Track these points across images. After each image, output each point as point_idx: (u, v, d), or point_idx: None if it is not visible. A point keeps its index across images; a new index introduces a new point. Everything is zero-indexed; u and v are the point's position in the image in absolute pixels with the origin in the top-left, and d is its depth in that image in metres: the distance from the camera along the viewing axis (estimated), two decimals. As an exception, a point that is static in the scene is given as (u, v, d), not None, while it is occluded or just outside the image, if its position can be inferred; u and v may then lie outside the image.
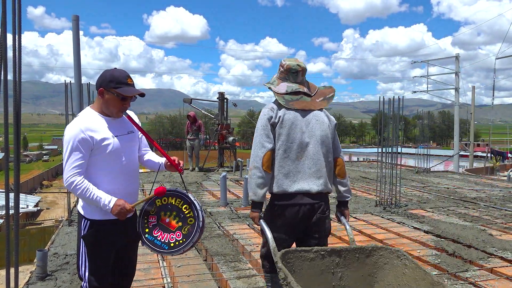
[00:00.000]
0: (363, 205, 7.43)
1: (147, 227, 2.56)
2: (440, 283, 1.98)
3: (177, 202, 2.55)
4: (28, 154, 76.45)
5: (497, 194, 8.96)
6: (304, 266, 2.25)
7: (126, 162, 2.47)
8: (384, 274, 2.27)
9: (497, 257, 4.43)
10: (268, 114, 2.68)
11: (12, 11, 2.32)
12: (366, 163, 18.05)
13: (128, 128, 2.53)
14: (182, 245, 2.47)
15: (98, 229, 2.43)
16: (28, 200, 27.72)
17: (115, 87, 2.36)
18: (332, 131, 2.77)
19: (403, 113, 7.68)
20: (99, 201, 2.32)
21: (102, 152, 2.36)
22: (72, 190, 2.34)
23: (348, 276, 2.27)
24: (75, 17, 6.66)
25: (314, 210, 2.64)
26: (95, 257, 2.45)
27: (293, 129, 2.64)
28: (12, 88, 2.37)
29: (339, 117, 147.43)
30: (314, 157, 2.66)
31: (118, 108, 2.42)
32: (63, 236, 5.54)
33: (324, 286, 2.26)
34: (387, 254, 2.28)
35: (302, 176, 2.63)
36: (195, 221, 2.48)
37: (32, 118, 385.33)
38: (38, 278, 3.99)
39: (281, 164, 2.64)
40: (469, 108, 27.02)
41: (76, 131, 2.32)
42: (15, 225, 2.49)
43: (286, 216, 2.63)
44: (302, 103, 2.71)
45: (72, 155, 2.31)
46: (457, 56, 24.05)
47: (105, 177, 2.41)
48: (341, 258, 2.29)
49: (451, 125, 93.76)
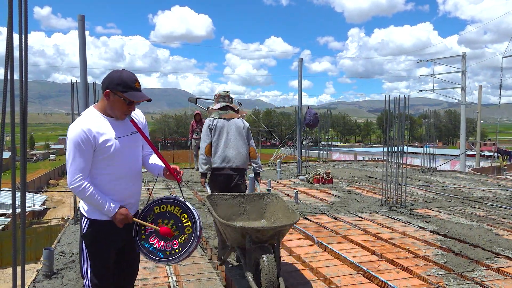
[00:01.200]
0: (368, 204, 7.41)
1: (144, 233, 2.54)
2: (293, 211, 3.43)
3: (175, 210, 2.53)
4: (34, 154, 76.95)
5: (504, 194, 8.89)
6: (222, 203, 3.80)
7: (129, 163, 2.46)
8: (269, 206, 3.84)
9: (504, 257, 4.40)
10: (207, 123, 4.51)
11: (19, 11, 2.33)
12: (371, 163, 17.99)
13: (132, 129, 2.51)
14: (178, 254, 2.45)
15: (97, 228, 2.42)
16: (35, 199, 27.94)
17: (122, 91, 2.33)
18: (246, 131, 4.61)
19: (409, 112, 7.64)
20: (103, 206, 2.32)
21: (104, 153, 2.34)
22: (78, 193, 2.33)
23: (249, 208, 3.86)
24: (81, 17, 6.68)
25: (233, 178, 4.43)
26: (95, 256, 2.45)
27: (222, 130, 4.47)
28: (19, 88, 2.38)
29: (344, 116, 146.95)
30: (234, 146, 4.46)
31: (123, 112, 2.39)
32: (70, 235, 5.58)
33: (234, 213, 3.82)
34: (271, 197, 3.89)
35: (227, 158, 4.41)
36: (193, 230, 2.46)
37: (38, 118, 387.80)
38: (44, 276, 4.02)
39: (215, 151, 4.45)
40: (476, 107, 26.82)
41: (79, 131, 2.30)
42: (22, 223, 2.51)
43: (219, 180, 4.44)
44: (228, 115, 4.56)
45: (76, 157, 2.29)
46: (463, 54, 23.87)
47: (107, 177, 2.39)
48: (244, 199, 3.88)
49: (457, 124, 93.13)
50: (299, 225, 5.58)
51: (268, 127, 57.82)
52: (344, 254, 4.39)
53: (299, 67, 12.14)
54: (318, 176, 10.07)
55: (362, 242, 4.88)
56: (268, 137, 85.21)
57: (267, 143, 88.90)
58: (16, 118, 2.48)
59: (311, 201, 7.73)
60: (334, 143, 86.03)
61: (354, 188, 9.50)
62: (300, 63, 12.20)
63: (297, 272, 3.90)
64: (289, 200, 7.66)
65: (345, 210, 6.82)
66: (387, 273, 3.89)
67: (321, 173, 10.09)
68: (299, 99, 12.17)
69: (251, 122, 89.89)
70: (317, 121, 12.96)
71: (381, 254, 4.42)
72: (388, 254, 4.42)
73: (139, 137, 2.55)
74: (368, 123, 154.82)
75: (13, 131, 2.46)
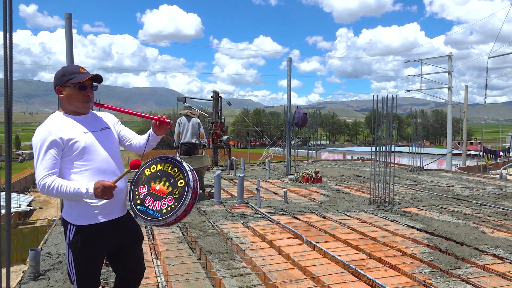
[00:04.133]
0: (357, 203, 7.46)
1: (138, 198, 2.46)
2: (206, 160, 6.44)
3: (165, 167, 2.45)
4: (20, 153, 75.76)
5: (490, 192, 9.03)
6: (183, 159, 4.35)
7: (102, 159, 2.37)
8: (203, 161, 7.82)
9: (489, 254, 4.47)
10: (178, 120, 9.39)
11: (3, 9, 2.29)
12: (360, 162, 18.11)
13: (102, 125, 2.47)
14: (174, 210, 2.33)
15: (85, 235, 2.33)
16: (20, 200, 27.49)
17: (68, 79, 2.32)
18: (197, 125, 9.42)
19: (396, 111, 7.71)
20: (78, 192, 2.18)
21: (73, 150, 2.27)
22: (47, 192, 2.20)
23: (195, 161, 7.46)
24: (67, 15, 6.61)
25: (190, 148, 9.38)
26: (81, 263, 2.36)
27: (185, 124, 9.31)
28: (3, 86, 2.35)
29: (333, 115, 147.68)
30: (190, 132, 9.29)
31: (80, 100, 2.35)
32: (56, 236, 5.51)
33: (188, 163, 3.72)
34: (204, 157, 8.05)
35: (187, 138, 9.24)
36: (185, 182, 2.36)
37: (24, 117, 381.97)
38: (30, 277, 3.96)
39: (182, 135, 9.28)
40: (462, 107, 27.20)
41: (45, 133, 2.24)
42: (7, 224, 2.47)
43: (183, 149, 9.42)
44: (189, 116, 9.45)
45: (41, 159, 2.21)
46: (450, 55, 24.20)
47: (80, 176, 2.29)
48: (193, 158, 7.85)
49: (444, 124, 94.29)
50: (288, 224, 5.60)
51: (257, 126, 57.88)
52: (333, 252, 4.41)
53: (288, 67, 12.17)
54: (307, 176, 10.11)
55: (350, 240, 4.92)
56: (257, 137, 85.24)
57: (256, 143, 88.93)
58: (0, 117, 2.43)
59: (300, 200, 7.75)
60: (323, 143, 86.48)
61: (342, 187, 9.56)
62: (289, 63, 12.23)
63: (286, 271, 3.91)
64: (278, 200, 7.68)
65: (334, 209, 6.85)
66: (375, 271, 3.92)
67: (310, 173, 10.13)
68: (288, 99, 12.21)
69: (241, 121, 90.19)
70: (306, 121, 13.01)
71: (369, 253, 4.46)
72: (376, 253, 4.46)
73: (111, 132, 2.51)
74: (357, 122, 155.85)
75: (-3, 130, 2.41)
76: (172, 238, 5.11)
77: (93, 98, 2.42)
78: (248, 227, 5.59)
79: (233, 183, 10.08)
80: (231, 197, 7.94)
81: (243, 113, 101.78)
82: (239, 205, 7.10)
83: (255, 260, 4.21)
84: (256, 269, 4.00)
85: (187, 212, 2.39)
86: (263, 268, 3.98)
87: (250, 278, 3.80)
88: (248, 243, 4.80)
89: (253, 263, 4.14)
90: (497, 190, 9.42)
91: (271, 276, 3.74)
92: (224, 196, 7.96)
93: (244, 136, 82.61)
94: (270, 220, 5.99)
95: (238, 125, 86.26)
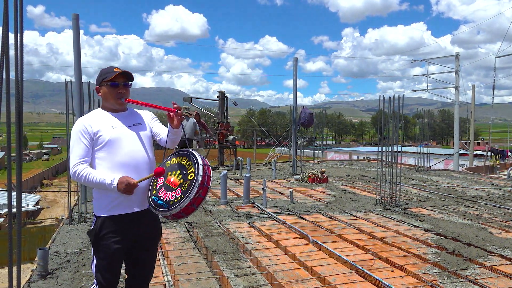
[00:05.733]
0: (363, 203, 7.44)
1: (155, 188, 2.50)
2: None
3: (183, 160, 2.49)
4: (28, 153, 76.40)
5: (497, 193, 8.97)
6: None
7: (125, 153, 2.47)
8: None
9: (497, 255, 4.44)
10: None
11: (14, 10, 2.32)
12: (366, 162, 18.06)
13: (135, 121, 2.62)
14: (180, 202, 2.31)
15: (101, 226, 2.46)
16: (28, 199, 27.74)
17: (103, 79, 2.55)
18: (193, 123, 10.40)
19: (403, 111, 7.69)
20: (103, 183, 2.36)
21: (99, 142, 2.45)
22: (77, 179, 2.42)
23: None
24: (75, 16, 6.67)
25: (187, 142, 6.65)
26: (97, 253, 2.48)
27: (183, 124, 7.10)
28: (14, 87, 2.37)
29: (339, 115, 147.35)
30: (187, 129, 10.22)
31: (113, 97, 2.54)
32: (64, 235, 5.55)
33: None
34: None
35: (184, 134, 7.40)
36: (195, 176, 2.34)
37: (32, 117, 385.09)
38: (39, 276, 4.00)
39: None
40: (469, 107, 27.01)
41: (79, 125, 2.49)
42: (18, 223, 2.50)
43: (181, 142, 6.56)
44: (187, 116, 10.35)
45: (74, 147, 2.45)
46: (457, 54, 24.03)
47: (102, 167, 2.45)
48: None
49: (451, 124, 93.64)
50: (294, 224, 5.60)
51: (263, 126, 57.86)
52: (339, 253, 4.41)
53: (294, 67, 12.16)
54: (313, 176, 10.11)
55: (356, 241, 4.91)
56: (263, 137, 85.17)
57: (262, 143, 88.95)
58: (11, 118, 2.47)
59: (306, 200, 7.75)
60: (329, 143, 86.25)
61: (349, 187, 9.54)
62: (295, 63, 12.23)
63: (292, 271, 3.92)
64: (284, 200, 7.69)
65: (340, 209, 6.85)
66: (382, 271, 3.92)
67: (316, 173, 10.12)
68: (294, 99, 12.20)
69: (246, 121, 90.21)
70: (312, 121, 13.01)
71: (376, 253, 4.46)
72: (382, 253, 4.46)
73: (143, 129, 2.63)
74: (363, 122, 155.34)
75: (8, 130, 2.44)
76: (178, 238, 5.14)
77: (126, 94, 2.59)
78: (254, 227, 5.61)
79: (239, 183, 10.10)
80: (237, 197, 7.96)
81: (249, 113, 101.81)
82: (245, 205, 7.12)
83: (261, 260, 4.22)
84: (262, 269, 4.01)
85: (193, 207, 2.36)
86: (269, 268, 3.99)
87: (257, 277, 3.81)
88: (254, 243, 4.82)
89: (259, 263, 4.16)
90: (505, 190, 9.35)
91: (278, 276, 3.75)
92: (230, 196, 7.98)
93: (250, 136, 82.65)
94: (276, 220, 6.00)
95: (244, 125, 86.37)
